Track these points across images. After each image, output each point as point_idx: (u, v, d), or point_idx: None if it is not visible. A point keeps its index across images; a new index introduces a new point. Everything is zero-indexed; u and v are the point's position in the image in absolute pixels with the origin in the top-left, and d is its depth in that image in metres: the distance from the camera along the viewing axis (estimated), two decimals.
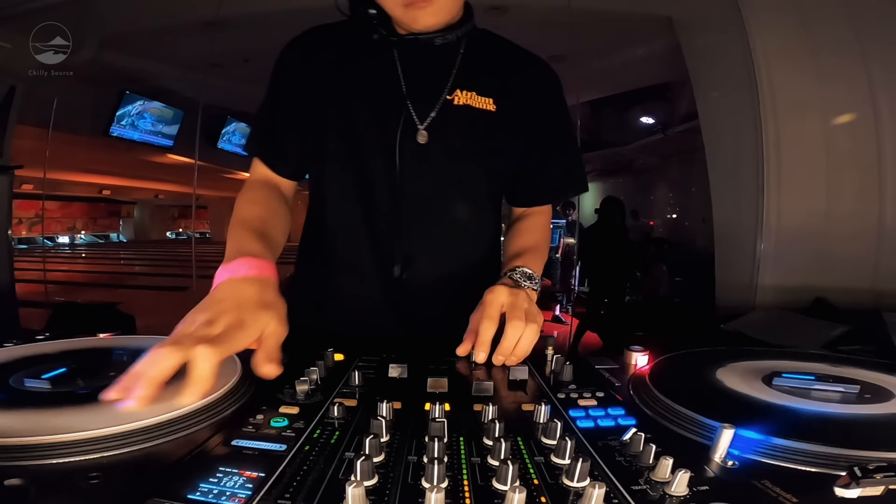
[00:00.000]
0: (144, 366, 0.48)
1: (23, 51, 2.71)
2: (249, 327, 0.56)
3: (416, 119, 0.83)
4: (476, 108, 0.84)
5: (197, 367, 0.49)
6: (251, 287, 0.61)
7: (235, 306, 0.57)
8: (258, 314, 0.58)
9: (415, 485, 0.39)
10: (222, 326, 0.54)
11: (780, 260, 2.42)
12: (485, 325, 0.71)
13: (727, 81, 2.62)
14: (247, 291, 0.60)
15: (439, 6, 0.75)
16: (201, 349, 0.50)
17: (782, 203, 2.40)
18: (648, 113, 6.85)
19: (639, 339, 0.86)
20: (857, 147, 2.35)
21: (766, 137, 2.38)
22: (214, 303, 0.58)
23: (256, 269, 0.64)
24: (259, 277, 0.63)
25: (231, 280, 0.62)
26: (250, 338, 0.56)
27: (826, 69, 2.32)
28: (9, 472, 0.37)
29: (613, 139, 7.52)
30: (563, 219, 5.98)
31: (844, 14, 2.29)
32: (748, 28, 2.39)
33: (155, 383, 0.47)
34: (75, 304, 3.99)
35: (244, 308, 0.58)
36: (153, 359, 0.48)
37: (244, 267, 0.64)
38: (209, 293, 0.61)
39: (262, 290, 0.62)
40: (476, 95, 0.84)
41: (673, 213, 8.14)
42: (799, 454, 0.43)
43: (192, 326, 0.54)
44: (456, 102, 0.84)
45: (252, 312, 0.58)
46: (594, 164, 9.05)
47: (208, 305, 0.58)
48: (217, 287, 0.62)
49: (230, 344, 0.53)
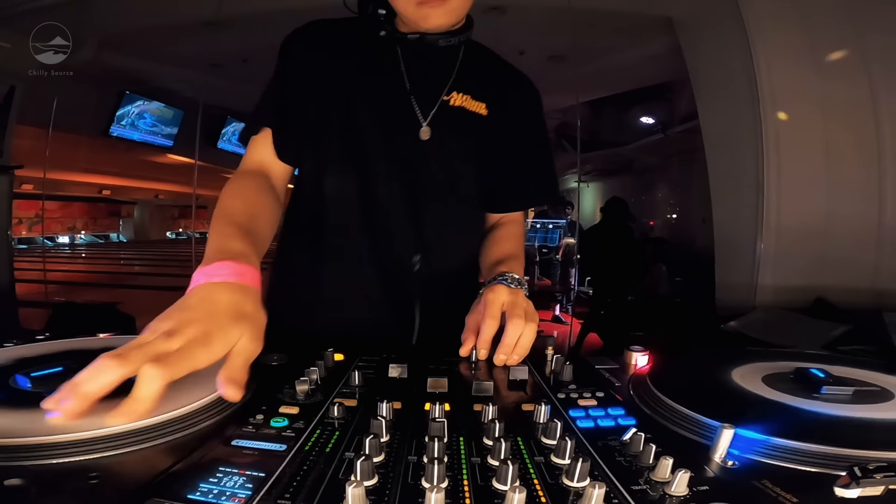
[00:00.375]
0: (83, 377, 0.44)
1: (23, 51, 2.71)
2: (215, 344, 0.50)
3: (419, 115, 0.86)
4: (470, 111, 0.88)
5: (139, 387, 0.44)
6: (228, 295, 0.55)
7: (205, 316, 0.52)
8: (228, 328, 0.52)
9: (415, 485, 0.39)
10: (182, 340, 0.49)
11: (780, 260, 2.42)
12: (487, 324, 0.72)
13: (727, 81, 2.62)
14: (222, 300, 0.54)
15: (452, 7, 0.77)
16: (148, 369, 0.44)
17: (782, 203, 2.40)
18: (648, 113, 6.85)
19: (639, 339, 0.86)
20: (858, 147, 2.35)
21: (765, 137, 2.38)
22: (182, 310, 0.53)
23: (237, 274, 0.58)
24: (239, 284, 0.57)
25: (207, 285, 0.56)
26: (214, 355, 0.50)
27: (826, 69, 2.32)
28: (9, 472, 0.37)
29: (613, 139, 7.51)
30: (563, 218, 5.99)
31: (845, 14, 2.29)
32: (748, 28, 2.38)
33: (88, 399, 0.43)
34: (75, 304, 3.99)
35: (215, 319, 0.52)
36: (94, 371, 0.44)
37: (224, 271, 0.58)
38: (182, 297, 0.56)
39: (240, 299, 0.56)
40: (470, 99, 0.88)
41: (673, 214, 8.13)
42: (799, 454, 0.43)
43: (150, 337, 0.49)
44: (452, 103, 0.87)
45: (222, 325, 0.52)
46: (594, 164, 9.05)
47: (175, 313, 0.52)
48: (191, 291, 0.56)
49: (185, 363, 0.47)
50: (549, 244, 6.06)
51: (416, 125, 0.86)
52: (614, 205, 4.67)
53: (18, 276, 3.64)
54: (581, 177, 9.31)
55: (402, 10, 0.78)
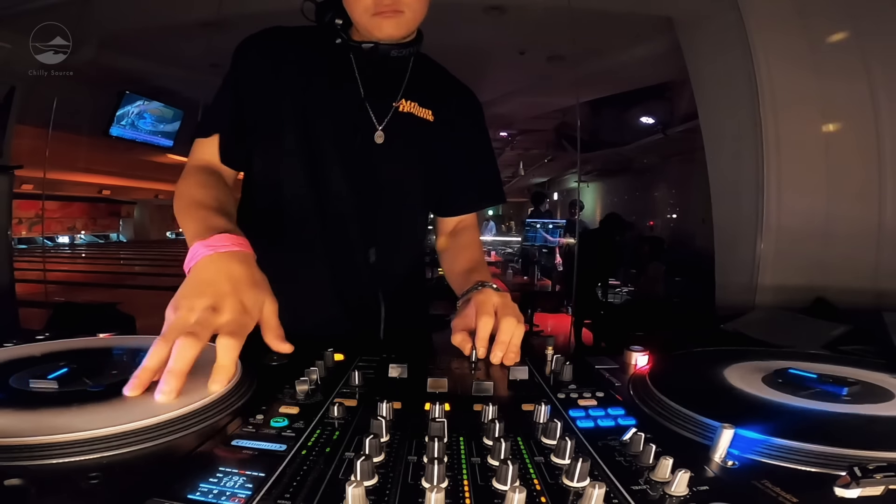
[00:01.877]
0: (156, 359, 0.51)
1: (23, 51, 2.71)
2: (252, 310, 0.58)
3: (374, 120, 0.90)
4: (418, 117, 0.94)
5: (222, 356, 0.53)
6: (239, 264, 0.61)
7: (232, 289, 0.58)
8: (255, 295, 0.59)
9: (415, 485, 0.39)
10: (229, 312, 0.56)
11: (780, 260, 2.42)
12: (483, 321, 0.75)
13: (727, 81, 2.62)
14: (236, 269, 0.60)
15: (404, 19, 0.82)
16: (224, 339, 0.53)
17: (782, 203, 2.40)
18: (648, 113, 6.84)
19: (639, 339, 0.86)
20: (858, 146, 2.35)
21: (765, 137, 2.38)
22: (208, 284, 0.58)
23: (238, 244, 0.63)
24: (242, 253, 0.63)
25: (216, 256, 0.61)
26: (254, 320, 0.58)
27: (826, 69, 2.32)
28: (9, 472, 0.37)
29: (613, 139, 7.50)
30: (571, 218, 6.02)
31: (845, 14, 2.29)
32: (748, 28, 2.38)
33: (183, 376, 0.50)
34: (75, 304, 3.99)
35: (242, 290, 0.58)
36: (177, 351, 0.50)
37: (226, 241, 0.62)
38: (192, 272, 0.60)
39: (249, 267, 0.62)
40: (417, 106, 0.94)
41: (673, 213, 8.13)
42: (799, 454, 0.43)
43: (193, 314, 0.54)
44: (401, 110, 0.93)
45: (249, 293, 0.59)
46: (594, 164, 9.05)
47: (202, 288, 0.57)
48: (200, 264, 0.60)
49: (241, 331, 0.55)
50: (548, 244, 6.08)
51: (371, 129, 0.90)
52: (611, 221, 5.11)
53: (18, 276, 3.64)
54: (581, 177, 9.32)
55: (358, 18, 0.82)
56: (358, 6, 0.80)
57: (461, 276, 0.93)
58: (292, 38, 0.91)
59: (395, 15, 0.80)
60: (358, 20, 0.83)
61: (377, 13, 0.80)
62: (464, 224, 1.06)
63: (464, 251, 1.01)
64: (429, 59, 1.00)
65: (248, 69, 0.88)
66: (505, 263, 6.55)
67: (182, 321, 0.54)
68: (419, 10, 0.83)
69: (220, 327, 0.54)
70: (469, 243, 1.03)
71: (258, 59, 0.88)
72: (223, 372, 0.53)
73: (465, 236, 1.04)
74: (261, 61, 0.88)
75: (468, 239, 1.04)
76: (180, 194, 0.79)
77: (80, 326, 0.90)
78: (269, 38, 0.90)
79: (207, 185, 0.81)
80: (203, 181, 0.82)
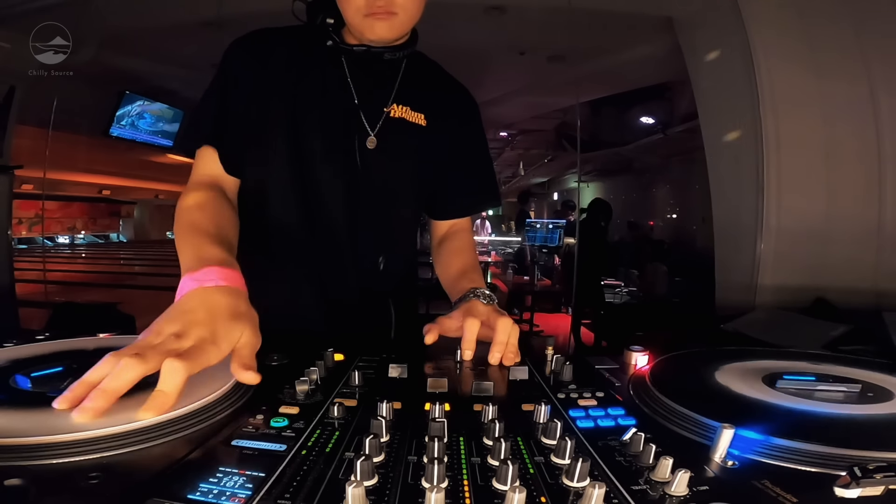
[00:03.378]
0: (97, 374, 0.47)
1: (23, 51, 2.71)
2: (221, 342, 0.53)
3: (367, 126, 0.89)
4: (409, 122, 0.93)
5: (165, 381, 0.47)
6: (223, 297, 0.58)
7: (208, 318, 0.54)
8: (231, 327, 0.55)
9: (415, 485, 0.39)
10: (193, 340, 0.52)
11: (780, 260, 2.42)
12: (470, 323, 0.74)
13: (727, 81, 2.62)
14: (219, 302, 0.57)
15: (397, 21, 0.80)
16: (171, 363, 0.47)
17: (782, 203, 2.39)
18: (648, 113, 6.83)
19: (639, 339, 0.86)
20: (858, 147, 2.35)
21: (765, 137, 2.38)
22: (183, 313, 0.55)
23: (227, 278, 0.61)
24: (228, 287, 0.60)
25: (201, 289, 0.58)
26: (222, 353, 0.53)
27: (826, 69, 2.32)
28: (9, 472, 0.37)
29: (613, 139, 7.50)
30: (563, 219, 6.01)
31: (845, 13, 2.29)
32: (748, 28, 2.38)
33: (113, 396, 0.46)
34: (75, 304, 3.99)
35: (217, 320, 0.55)
36: (115, 370, 0.46)
37: (212, 276, 0.60)
38: (176, 302, 0.57)
39: (234, 300, 0.59)
40: (410, 110, 0.92)
41: (673, 213, 8.13)
42: (799, 454, 0.43)
43: (158, 338, 0.51)
44: (392, 115, 0.91)
45: (224, 325, 0.55)
46: (594, 164, 9.04)
47: (176, 316, 0.54)
48: (185, 296, 0.58)
49: (200, 360, 0.50)
50: (548, 244, 6.07)
51: (364, 134, 0.89)
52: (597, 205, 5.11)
53: (18, 276, 3.64)
54: (581, 177, 9.32)
55: (350, 19, 0.81)
56: (350, 6, 0.79)
57: (453, 282, 0.93)
58: (282, 40, 0.89)
59: (388, 17, 0.79)
60: (350, 20, 0.81)
61: (369, 14, 0.78)
62: (457, 227, 1.05)
63: (457, 256, 1.00)
64: (423, 58, 0.98)
65: (239, 73, 0.86)
66: (505, 263, 6.54)
67: (142, 344, 0.51)
68: (413, 11, 0.81)
69: (175, 351, 0.50)
70: (462, 247, 1.02)
71: (249, 62, 0.86)
72: (159, 398, 0.47)
73: (458, 240, 1.04)
74: (251, 63, 0.86)
75: (461, 243, 1.03)
76: (180, 215, 0.76)
77: (80, 326, 0.90)
78: (258, 41, 0.88)
79: (207, 207, 0.78)
80: (203, 202, 0.79)
